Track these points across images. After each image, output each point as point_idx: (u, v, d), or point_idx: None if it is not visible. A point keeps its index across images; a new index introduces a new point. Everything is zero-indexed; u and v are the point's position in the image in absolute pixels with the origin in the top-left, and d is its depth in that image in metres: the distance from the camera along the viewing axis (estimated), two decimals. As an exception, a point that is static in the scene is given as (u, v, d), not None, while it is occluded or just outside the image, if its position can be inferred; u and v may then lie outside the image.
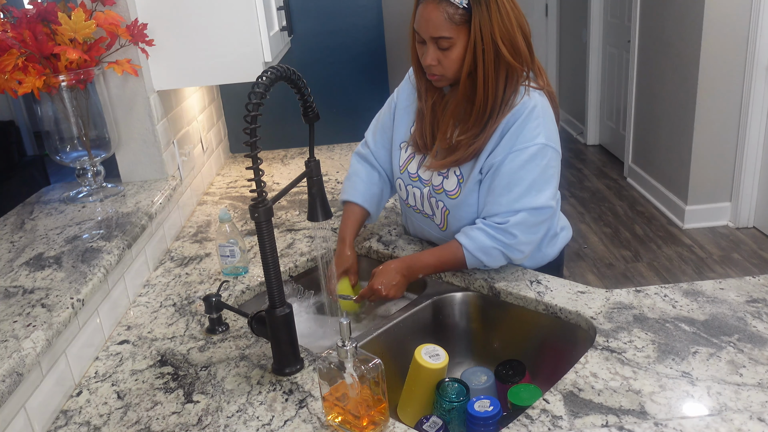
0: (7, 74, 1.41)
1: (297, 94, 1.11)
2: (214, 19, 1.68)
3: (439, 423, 1.07)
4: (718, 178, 3.77)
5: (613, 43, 4.99)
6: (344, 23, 3.05)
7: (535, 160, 1.30)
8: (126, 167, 1.78)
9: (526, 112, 1.30)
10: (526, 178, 1.31)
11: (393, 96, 1.57)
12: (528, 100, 1.31)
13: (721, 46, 3.51)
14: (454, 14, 1.23)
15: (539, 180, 1.31)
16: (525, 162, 1.30)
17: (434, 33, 1.26)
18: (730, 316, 1.22)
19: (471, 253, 1.36)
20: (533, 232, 1.35)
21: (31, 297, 1.16)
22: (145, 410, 1.08)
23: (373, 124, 1.62)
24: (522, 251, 1.36)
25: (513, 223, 1.32)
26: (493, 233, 1.33)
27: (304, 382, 1.12)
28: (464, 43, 1.26)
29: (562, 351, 1.31)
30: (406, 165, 1.50)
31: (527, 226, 1.33)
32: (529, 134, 1.30)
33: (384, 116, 1.58)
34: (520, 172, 1.30)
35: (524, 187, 1.31)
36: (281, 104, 2.66)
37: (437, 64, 1.30)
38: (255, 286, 1.51)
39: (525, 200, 1.31)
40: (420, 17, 1.27)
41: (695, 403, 1.00)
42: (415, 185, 1.48)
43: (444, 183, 1.41)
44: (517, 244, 1.34)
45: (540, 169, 1.31)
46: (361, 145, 1.64)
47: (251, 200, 1.04)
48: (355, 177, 1.59)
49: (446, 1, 1.23)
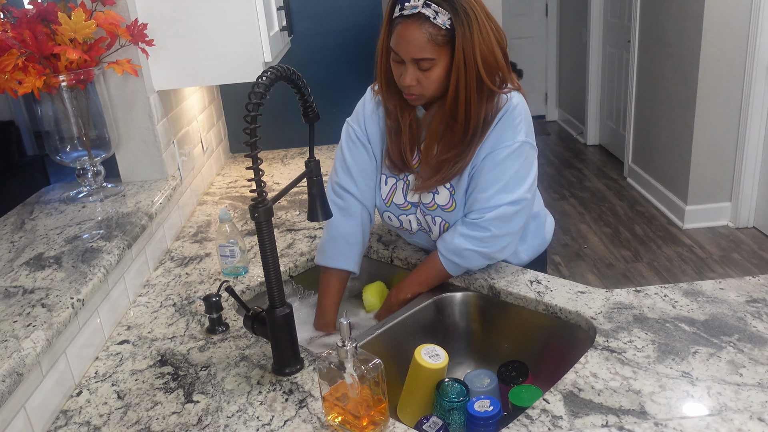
0: (7, 74, 1.40)
1: (297, 94, 1.11)
2: (214, 19, 1.68)
3: (439, 423, 1.07)
4: (718, 178, 3.77)
5: (613, 43, 4.99)
6: (344, 23, 3.05)
7: (513, 157, 1.32)
8: (126, 167, 1.78)
9: (508, 112, 1.31)
10: (504, 175, 1.32)
11: (354, 130, 1.45)
12: (510, 101, 1.32)
13: (721, 46, 3.51)
14: (436, 35, 1.20)
15: (516, 176, 1.33)
16: (504, 159, 1.31)
17: (416, 54, 1.22)
18: (730, 316, 1.22)
19: (446, 257, 1.37)
20: (509, 226, 1.35)
21: (31, 297, 1.16)
22: (145, 410, 1.08)
23: (341, 167, 1.46)
24: (497, 245, 1.35)
25: (488, 218, 1.33)
26: (467, 231, 1.34)
27: (304, 382, 1.12)
28: (446, 63, 1.24)
29: (562, 351, 1.31)
30: (390, 197, 1.45)
31: (502, 221, 1.33)
32: (510, 132, 1.31)
33: (353, 154, 1.45)
34: (497, 169, 1.32)
35: (501, 184, 1.32)
36: (281, 104, 2.66)
37: (416, 84, 1.26)
38: (255, 286, 1.51)
39: (500, 196, 1.32)
40: (399, 37, 1.23)
41: (695, 403, 1.00)
42: (409, 213, 1.45)
43: (436, 198, 1.40)
44: (490, 238, 1.34)
45: (518, 166, 1.32)
46: (332, 191, 1.48)
47: (251, 200, 1.04)
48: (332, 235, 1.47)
49: (428, 22, 1.19)
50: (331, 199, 1.46)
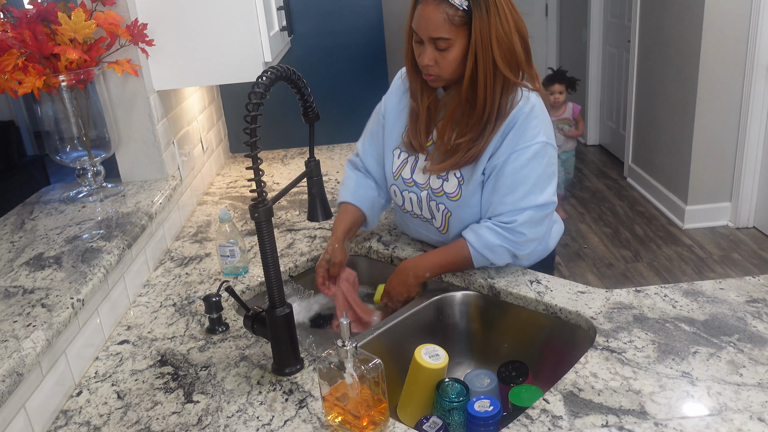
0: (7, 74, 1.40)
1: (297, 94, 1.11)
2: (214, 19, 1.68)
3: (439, 423, 1.07)
4: (718, 178, 3.77)
5: (613, 43, 4.99)
6: (344, 23, 3.05)
7: (537, 158, 1.32)
8: (126, 167, 1.78)
9: (526, 112, 1.31)
10: (530, 177, 1.32)
11: (381, 104, 1.57)
12: (527, 100, 1.32)
13: (721, 46, 3.51)
14: (453, 15, 1.23)
15: (542, 177, 1.33)
16: (528, 161, 1.31)
17: (433, 33, 1.26)
18: (730, 316, 1.22)
19: (477, 251, 1.37)
20: (538, 229, 1.37)
21: (31, 297, 1.16)
22: (145, 410, 1.08)
23: (363, 134, 1.62)
24: (528, 248, 1.38)
25: (520, 222, 1.33)
26: (501, 232, 1.35)
27: (304, 382, 1.12)
28: (462, 45, 1.26)
29: (562, 351, 1.31)
30: (399, 171, 1.50)
31: (533, 224, 1.35)
32: (530, 133, 1.31)
33: (372, 125, 1.58)
34: (523, 170, 1.32)
35: (528, 186, 1.32)
36: (281, 104, 2.66)
37: (434, 65, 1.29)
38: (255, 286, 1.51)
39: (529, 198, 1.33)
40: (419, 17, 1.27)
41: (695, 403, 1.00)
42: (411, 190, 1.48)
43: (444, 185, 1.41)
44: (524, 242, 1.36)
45: (542, 167, 1.33)
46: (352, 155, 1.65)
47: (251, 200, 1.04)
48: (348, 181, 1.61)
49: (446, 2, 1.23)
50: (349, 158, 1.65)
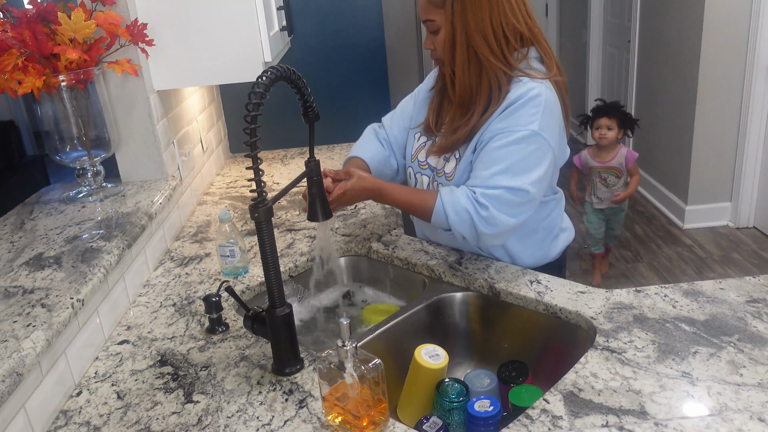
0: (7, 74, 1.40)
1: (297, 94, 1.11)
2: (214, 19, 1.68)
3: (439, 423, 1.07)
4: (718, 178, 3.77)
5: (613, 43, 4.99)
6: (344, 23, 3.05)
7: (521, 144, 1.29)
8: (126, 167, 1.78)
9: (527, 98, 1.29)
10: (507, 158, 1.29)
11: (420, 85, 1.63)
12: (532, 87, 1.29)
13: (721, 46, 3.51)
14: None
15: (521, 163, 1.30)
16: (509, 143, 1.29)
17: (422, 16, 1.34)
18: (730, 316, 1.22)
19: (443, 204, 1.33)
20: (509, 213, 1.30)
21: (31, 297, 1.16)
22: (145, 410, 1.08)
23: (394, 110, 1.66)
24: (491, 226, 1.31)
25: (490, 195, 1.30)
26: (471, 196, 1.32)
27: (304, 382, 1.12)
28: (448, 27, 1.31)
29: (562, 351, 1.31)
30: (417, 153, 1.54)
31: (501, 203, 1.29)
32: (523, 120, 1.29)
33: (406, 101, 1.63)
34: (502, 150, 1.30)
35: (503, 166, 1.30)
36: (281, 104, 2.66)
37: (433, 48, 1.37)
38: (255, 286, 1.51)
39: (501, 177, 1.29)
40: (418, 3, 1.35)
41: (695, 403, 1.00)
42: (424, 173, 1.51)
43: (445, 166, 1.44)
44: (489, 217, 1.30)
45: (525, 153, 1.29)
46: (375, 124, 1.69)
47: (251, 200, 1.04)
48: (362, 141, 1.64)
49: None
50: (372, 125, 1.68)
